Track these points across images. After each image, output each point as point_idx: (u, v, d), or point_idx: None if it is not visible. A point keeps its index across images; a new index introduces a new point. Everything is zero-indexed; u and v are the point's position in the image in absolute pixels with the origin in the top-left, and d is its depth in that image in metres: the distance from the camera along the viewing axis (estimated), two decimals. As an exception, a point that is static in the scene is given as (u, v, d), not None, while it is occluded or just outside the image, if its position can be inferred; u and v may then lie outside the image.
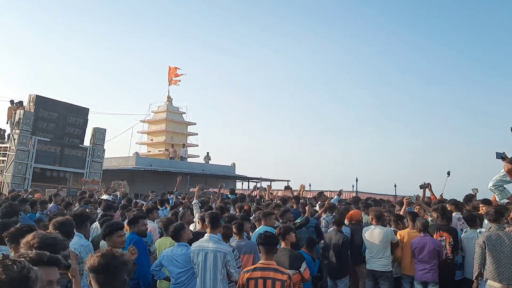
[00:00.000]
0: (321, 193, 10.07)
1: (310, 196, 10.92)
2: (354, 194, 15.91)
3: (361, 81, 76.46)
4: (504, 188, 4.64)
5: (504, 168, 3.50)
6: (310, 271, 5.89)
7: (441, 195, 9.35)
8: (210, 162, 32.60)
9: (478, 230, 6.04)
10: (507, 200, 5.37)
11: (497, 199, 5.58)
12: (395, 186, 17.76)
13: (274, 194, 11.64)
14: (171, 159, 28.87)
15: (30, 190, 13.96)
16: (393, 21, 77.87)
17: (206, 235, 4.96)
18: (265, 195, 10.90)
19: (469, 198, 8.15)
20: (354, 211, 7.82)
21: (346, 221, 7.38)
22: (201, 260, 4.69)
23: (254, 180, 30.34)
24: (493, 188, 4.70)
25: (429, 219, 6.83)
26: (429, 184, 8.47)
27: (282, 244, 5.54)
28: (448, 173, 10.11)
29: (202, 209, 7.54)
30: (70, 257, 2.87)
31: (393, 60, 75.01)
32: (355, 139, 68.64)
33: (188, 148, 35.50)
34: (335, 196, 10.21)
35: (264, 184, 27.04)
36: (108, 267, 2.31)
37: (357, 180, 17.47)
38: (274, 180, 29.60)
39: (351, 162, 59.42)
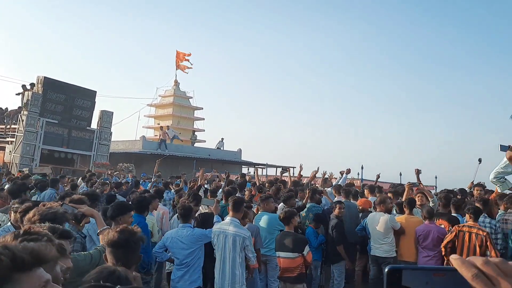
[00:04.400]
0: (326, 180, 10.10)
1: (315, 182, 10.92)
2: (359, 182, 15.96)
3: (376, 68, 75.86)
4: (505, 179, 4.67)
5: (506, 156, 3.51)
6: (313, 241, 6.36)
7: (471, 182, 9.33)
8: (218, 147, 32.70)
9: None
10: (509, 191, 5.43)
11: (499, 190, 5.62)
12: (400, 174, 17.81)
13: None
14: (162, 141, 28.62)
15: None
16: (418, 8, 76.89)
17: (227, 218, 5.11)
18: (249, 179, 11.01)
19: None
20: (363, 200, 7.92)
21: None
22: (221, 243, 4.86)
23: (260, 166, 30.34)
24: (494, 180, 4.74)
25: (431, 204, 6.86)
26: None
27: (286, 228, 5.64)
28: (480, 160, 9.94)
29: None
30: (75, 207, 3.02)
31: (413, 47, 74.22)
32: (363, 127, 68.32)
33: (196, 133, 35.57)
34: (343, 175, 10.22)
35: (271, 171, 27.27)
36: (128, 242, 2.43)
37: (362, 167, 17.48)
38: (279, 166, 29.64)
39: (359, 150, 59.29)
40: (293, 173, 11.11)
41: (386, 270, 0.64)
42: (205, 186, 8.92)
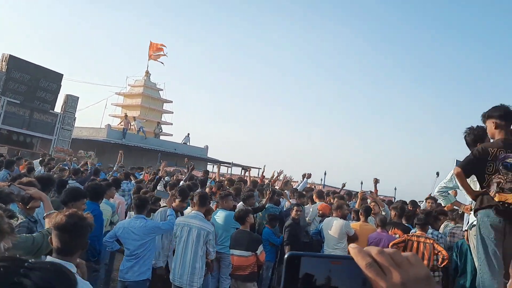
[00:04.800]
0: (287, 182, 10.20)
1: (277, 186, 11.01)
2: (321, 187, 16.19)
3: (347, 75, 77.08)
4: (448, 194, 4.84)
5: (453, 171, 3.65)
6: (272, 241, 6.50)
7: (429, 195, 9.65)
8: (184, 142, 32.44)
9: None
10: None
11: (442, 205, 5.84)
12: (362, 183, 18.21)
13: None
14: (124, 130, 27.95)
15: None
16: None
17: (192, 212, 5.19)
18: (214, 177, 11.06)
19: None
20: (324, 204, 8.06)
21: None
22: (185, 235, 4.93)
23: (225, 165, 30.36)
24: (437, 194, 4.90)
25: (383, 213, 7.06)
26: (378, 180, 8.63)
27: (242, 227, 5.66)
28: (437, 174, 10.36)
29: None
30: (23, 189, 2.94)
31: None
32: (331, 133, 69.28)
33: (162, 126, 35.16)
34: (304, 179, 10.34)
35: (235, 170, 27.21)
36: (75, 227, 2.39)
37: (325, 173, 17.80)
38: (245, 166, 29.67)
39: (324, 156, 60.12)
40: (258, 174, 11.21)
41: (285, 256, 0.66)
42: (166, 179, 8.84)
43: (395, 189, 19.50)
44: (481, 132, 3.96)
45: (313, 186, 13.05)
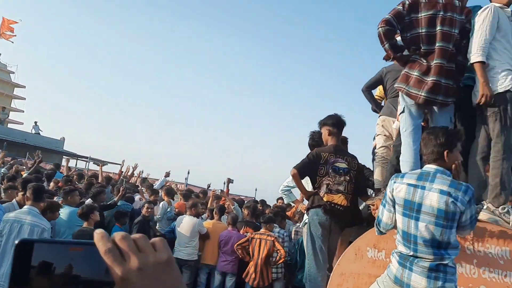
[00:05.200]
0: (144, 179, 9.97)
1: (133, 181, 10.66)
2: (183, 186, 16.21)
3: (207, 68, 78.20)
4: (291, 192, 5.29)
5: (290, 172, 3.97)
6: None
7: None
8: (36, 132, 29.45)
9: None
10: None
11: (285, 202, 6.34)
12: (224, 183, 18.67)
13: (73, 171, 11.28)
14: None
15: None
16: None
17: (25, 207, 4.66)
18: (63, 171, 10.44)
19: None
20: (181, 203, 8.09)
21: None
22: (14, 232, 4.40)
23: (83, 159, 28.45)
24: (281, 192, 5.33)
25: (234, 212, 7.34)
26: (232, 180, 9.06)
27: (85, 224, 5.36)
28: None
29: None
30: None
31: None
32: (194, 133, 69.61)
33: (12, 113, 31.51)
34: (162, 178, 10.21)
35: (92, 165, 25.62)
36: None
37: (188, 172, 17.87)
38: (104, 161, 28.16)
39: (187, 155, 60.13)
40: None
41: (16, 242, 0.59)
42: (3, 170, 7.90)
43: (256, 190, 20.53)
44: (318, 138, 4.35)
45: (174, 185, 12.97)
